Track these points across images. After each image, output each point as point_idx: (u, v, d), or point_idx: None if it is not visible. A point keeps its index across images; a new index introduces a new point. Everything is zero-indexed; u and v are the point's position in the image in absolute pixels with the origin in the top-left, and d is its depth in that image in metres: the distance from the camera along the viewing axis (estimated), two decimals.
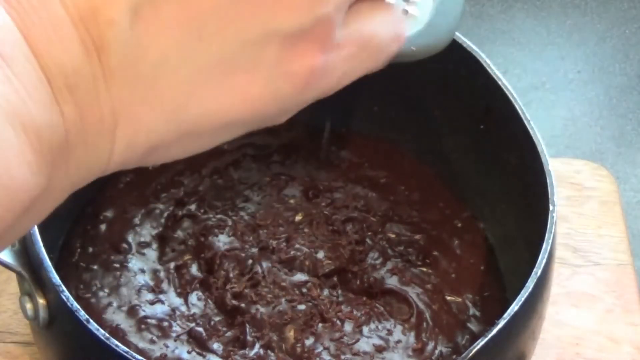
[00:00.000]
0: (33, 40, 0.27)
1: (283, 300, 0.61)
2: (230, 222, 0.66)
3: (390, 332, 0.61)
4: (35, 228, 0.52)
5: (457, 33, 0.62)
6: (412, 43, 0.39)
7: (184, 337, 0.60)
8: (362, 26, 0.33)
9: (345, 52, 0.32)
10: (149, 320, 0.60)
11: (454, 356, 0.60)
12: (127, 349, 0.48)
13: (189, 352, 0.59)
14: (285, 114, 0.32)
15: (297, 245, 0.64)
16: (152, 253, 0.64)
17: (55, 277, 0.51)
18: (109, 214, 0.66)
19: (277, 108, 0.31)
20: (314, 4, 0.30)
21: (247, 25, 0.29)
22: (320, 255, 0.64)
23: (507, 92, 0.60)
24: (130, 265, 0.63)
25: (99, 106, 0.28)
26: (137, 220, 0.66)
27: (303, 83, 0.31)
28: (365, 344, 0.60)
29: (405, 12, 0.40)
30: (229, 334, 0.60)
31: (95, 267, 0.63)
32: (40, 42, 0.27)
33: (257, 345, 0.59)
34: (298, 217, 0.67)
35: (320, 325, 0.60)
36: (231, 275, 0.62)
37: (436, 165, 0.70)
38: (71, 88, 0.27)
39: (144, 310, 0.61)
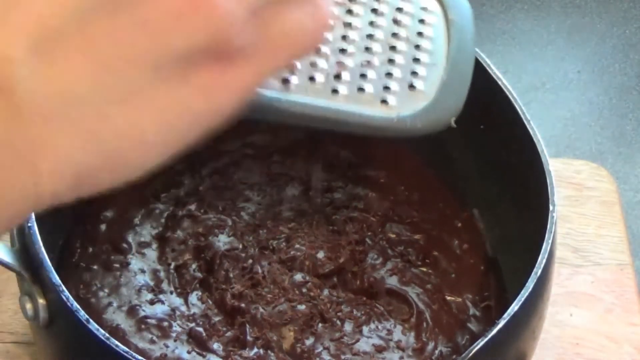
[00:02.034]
0: None
1: (283, 300, 0.61)
2: (230, 222, 0.66)
3: (390, 332, 0.61)
4: (35, 228, 0.52)
5: None
6: (418, 118, 0.39)
7: (184, 337, 0.60)
8: (282, 25, 0.33)
9: (259, 56, 0.32)
10: (149, 320, 0.60)
11: (454, 356, 0.60)
12: (127, 349, 0.48)
13: (189, 352, 0.59)
14: (203, 127, 0.32)
15: (297, 245, 0.64)
16: (152, 253, 0.64)
17: (55, 277, 0.51)
18: (109, 214, 0.66)
19: (191, 123, 0.32)
20: (206, 20, 0.30)
21: (147, 51, 0.30)
22: (320, 255, 0.64)
23: (507, 92, 0.60)
24: (130, 265, 0.63)
25: (14, 142, 0.29)
26: (137, 220, 0.66)
27: (213, 95, 0.31)
28: (365, 344, 0.60)
29: (412, 87, 0.39)
30: (229, 334, 0.60)
31: (95, 267, 0.63)
32: None
33: (257, 345, 0.59)
34: (298, 217, 0.67)
35: (320, 325, 0.60)
36: (231, 275, 0.62)
37: (436, 165, 0.70)
38: None
39: (144, 310, 0.61)
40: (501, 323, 0.50)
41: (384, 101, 0.39)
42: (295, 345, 0.59)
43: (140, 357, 0.47)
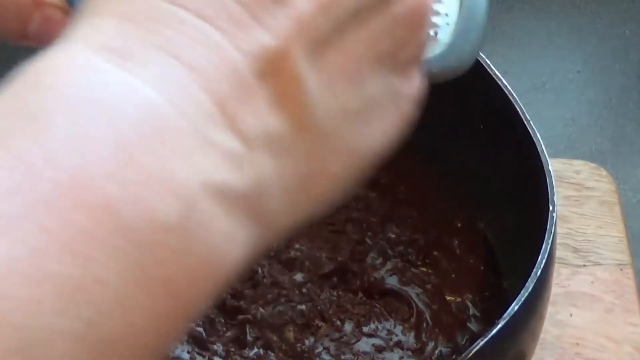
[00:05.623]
0: (222, 102, 0.26)
1: (283, 300, 0.61)
2: None
3: (390, 332, 0.61)
4: None
5: None
6: (434, 64, 0.39)
7: (184, 337, 0.60)
8: None
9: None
10: None
11: (454, 356, 0.60)
12: None
13: (188, 352, 0.59)
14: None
15: (297, 245, 0.64)
16: None
17: None
18: None
19: (403, 127, 0.33)
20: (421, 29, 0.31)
21: (393, 62, 0.30)
22: (320, 255, 0.64)
23: (507, 92, 0.60)
24: None
25: (294, 161, 0.28)
26: None
27: (416, 100, 0.32)
28: (365, 344, 0.60)
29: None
30: (229, 334, 0.60)
31: None
32: (229, 103, 0.26)
33: (257, 345, 0.59)
34: None
35: (320, 325, 0.60)
36: None
37: (436, 165, 0.70)
38: (267, 147, 0.27)
39: None
40: (501, 323, 0.50)
41: None
42: (295, 345, 0.59)
43: None
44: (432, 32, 0.40)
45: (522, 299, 0.51)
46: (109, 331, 0.23)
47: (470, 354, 0.49)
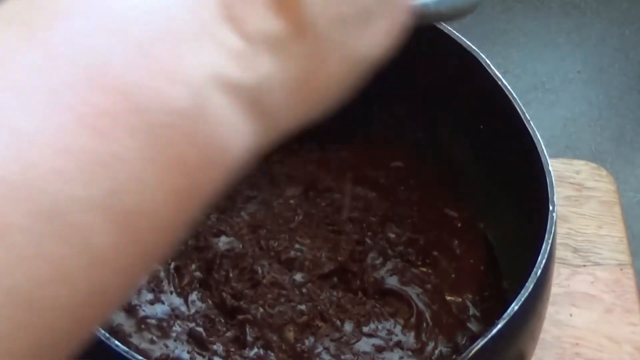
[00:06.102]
0: (228, 4, 0.28)
1: (283, 300, 0.61)
2: (230, 222, 0.66)
3: (390, 332, 0.61)
4: None
5: (457, 33, 0.62)
6: (442, 4, 0.40)
7: (184, 337, 0.60)
8: None
9: None
10: (149, 320, 0.60)
11: (454, 356, 0.60)
12: (127, 349, 0.48)
13: (188, 352, 0.59)
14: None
15: (297, 245, 0.64)
16: None
17: None
18: None
19: (396, 36, 0.34)
20: None
21: None
22: (320, 255, 0.64)
23: (507, 92, 0.60)
24: None
25: (292, 63, 0.30)
26: None
27: (409, 10, 0.34)
28: (365, 344, 0.60)
29: None
30: (229, 334, 0.60)
31: None
32: (234, 6, 0.28)
33: (257, 345, 0.59)
34: (298, 217, 0.67)
35: (320, 325, 0.60)
36: (231, 275, 0.62)
37: (436, 165, 0.70)
38: (268, 48, 0.29)
39: (144, 310, 0.61)
40: (501, 323, 0.50)
41: None
42: (295, 345, 0.59)
43: (140, 357, 0.47)
44: None
45: (522, 299, 0.51)
46: (130, 204, 0.25)
47: (470, 354, 0.49)
